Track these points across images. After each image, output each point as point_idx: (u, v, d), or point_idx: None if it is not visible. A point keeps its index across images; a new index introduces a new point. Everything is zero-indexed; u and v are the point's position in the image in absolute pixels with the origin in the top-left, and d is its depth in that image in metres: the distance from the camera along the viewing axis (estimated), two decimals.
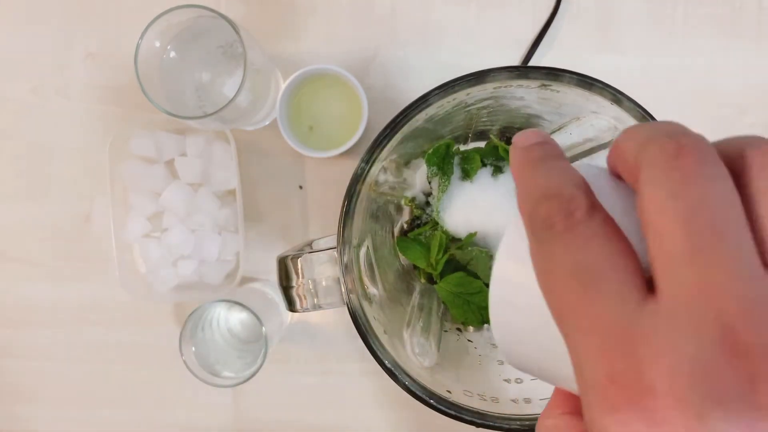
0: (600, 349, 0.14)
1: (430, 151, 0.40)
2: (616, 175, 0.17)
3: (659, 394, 0.13)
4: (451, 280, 0.42)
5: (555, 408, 0.19)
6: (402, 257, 0.44)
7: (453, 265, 0.43)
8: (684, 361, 0.12)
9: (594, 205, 0.15)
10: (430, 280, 0.44)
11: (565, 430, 0.18)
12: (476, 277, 0.42)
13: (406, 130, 0.31)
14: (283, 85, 0.46)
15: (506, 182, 0.42)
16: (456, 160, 0.42)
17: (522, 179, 0.17)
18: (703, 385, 0.12)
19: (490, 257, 0.42)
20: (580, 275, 0.14)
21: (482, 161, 0.42)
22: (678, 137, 0.15)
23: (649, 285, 0.14)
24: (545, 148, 0.18)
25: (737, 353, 0.12)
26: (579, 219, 0.15)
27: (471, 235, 0.41)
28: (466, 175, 0.42)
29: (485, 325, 0.43)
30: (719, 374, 0.12)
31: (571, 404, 0.19)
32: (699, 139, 0.15)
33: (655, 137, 0.15)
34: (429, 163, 0.40)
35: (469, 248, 0.42)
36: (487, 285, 0.42)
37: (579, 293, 0.14)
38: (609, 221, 0.15)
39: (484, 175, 0.42)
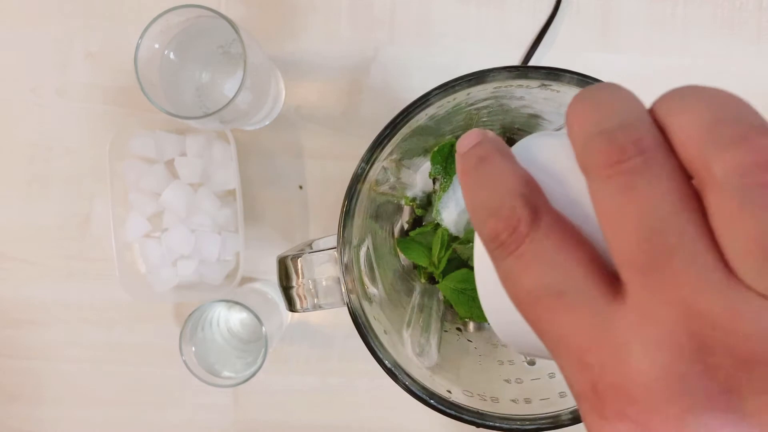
0: (579, 363, 0.14)
1: (435, 149, 0.40)
2: None
3: (641, 403, 0.13)
4: (455, 277, 0.42)
5: None
6: (402, 257, 0.44)
7: (454, 264, 0.43)
8: (658, 370, 0.13)
9: (537, 213, 0.15)
10: (431, 279, 0.44)
11: None
12: None
13: (406, 130, 0.31)
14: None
15: None
16: None
17: (465, 193, 0.17)
18: (679, 394, 0.12)
19: None
20: (542, 292, 0.14)
21: None
22: (615, 136, 0.14)
23: (614, 278, 0.14)
24: (482, 149, 0.17)
25: (709, 363, 0.12)
26: (523, 233, 0.15)
27: (471, 231, 0.41)
28: None
29: (486, 324, 0.43)
30: (694, 383, 0.12)
31: None
32: (641, 134, 0.14)
33: (592, 139, 0.14)
34: (433, 162, 0.40)
35: (470, 244, 0.42)
36: None
37: (546, 310, 0.14)
38: (557, 225, 0.15)
39: None
